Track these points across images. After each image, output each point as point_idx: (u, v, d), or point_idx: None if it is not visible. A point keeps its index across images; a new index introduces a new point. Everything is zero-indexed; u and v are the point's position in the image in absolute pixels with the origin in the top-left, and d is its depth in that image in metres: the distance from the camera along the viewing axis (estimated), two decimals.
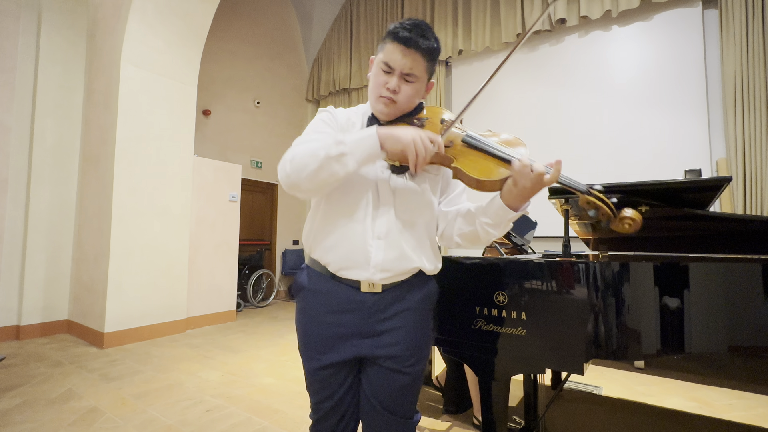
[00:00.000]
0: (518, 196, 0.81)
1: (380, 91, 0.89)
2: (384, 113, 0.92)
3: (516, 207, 0.84)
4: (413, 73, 0.87)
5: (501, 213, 0.85)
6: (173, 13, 3.86)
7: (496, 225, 0.87)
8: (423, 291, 0.96)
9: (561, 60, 4.41)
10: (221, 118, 5.55)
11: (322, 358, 0.91)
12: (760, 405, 2.31)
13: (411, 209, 0.91)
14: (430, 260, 0.96)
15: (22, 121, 3.75)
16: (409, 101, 0.91)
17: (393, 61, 0.86)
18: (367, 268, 0.88)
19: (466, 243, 0.95)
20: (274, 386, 2.54)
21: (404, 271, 0.91)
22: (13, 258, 3.67)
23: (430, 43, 0.86)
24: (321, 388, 0.93)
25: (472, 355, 1.39)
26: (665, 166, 3.71)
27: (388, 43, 0.88)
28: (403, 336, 0.91)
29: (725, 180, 1.35)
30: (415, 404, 0.97)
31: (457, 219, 0.94)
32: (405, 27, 0.86)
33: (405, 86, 0.88)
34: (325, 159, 0.78)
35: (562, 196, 1.51)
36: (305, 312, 0.95)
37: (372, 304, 0.90)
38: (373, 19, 5.98)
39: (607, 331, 1.24)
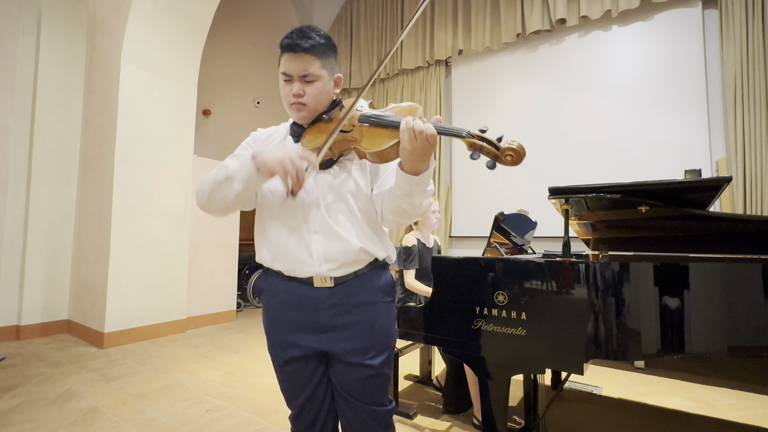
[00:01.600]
0: (409, 158, 0.81)
1: (289, 99, 0.95)
2: (300, 117, 0.96)
3: (415, 170, 0.84)
4: (309, 73, 0.91)
5: (405, 180, 0.85)
6: (173, 13, 3.86)
7: (408, 193, 0.87)
8: (378, 283, 0.98)
9: (561, 60, 4.41)
10: (221, 118, 5.56)
11: (284, 354, 0.96)
12: (760, 405, 2.31)
13: (337, 198, 0.94)
14: (376, 244, 0.97)
15: (22, 121, 3.75)
16: (316, 100, 0.94)
17: (287, 69, 0.92)
18: (311, 263, 0.92)
19: (399, 218, 0.95)
20: (274, 386, 2.54)
21: (351, 259, 0.93)
22: (13, 258, 3.67)
23: (312, 41, 0.90)
24: (289, 384, 0.98)
25: (472, 355, 1.39)
26: (665, 166, 3.71)
27: (281, 56, 0.94)
28: (361, 330, 0.94)
29: (725, 180, 1.35)
30: (386, 393, 0.99)
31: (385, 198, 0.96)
32: (288, 36, 0.91)
33: (308, 88, 0.93)
34: (214, 183, 0.90)
35: (563, 196, 1.51)
36: (267, 312, 1.01)
37: (326, 299, 0.93)
38: (373, 19, 5.98)
39: (607, 331, 1.24)
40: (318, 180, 0.95)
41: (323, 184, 0.95)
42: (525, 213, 2.56)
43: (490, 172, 4.78)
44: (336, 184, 0.95)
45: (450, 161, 5.14)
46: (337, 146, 0.91)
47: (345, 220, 0.94)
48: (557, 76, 4.42)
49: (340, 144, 0.91)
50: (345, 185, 0.95)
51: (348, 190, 0.95)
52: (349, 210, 0.95)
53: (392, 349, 1.01)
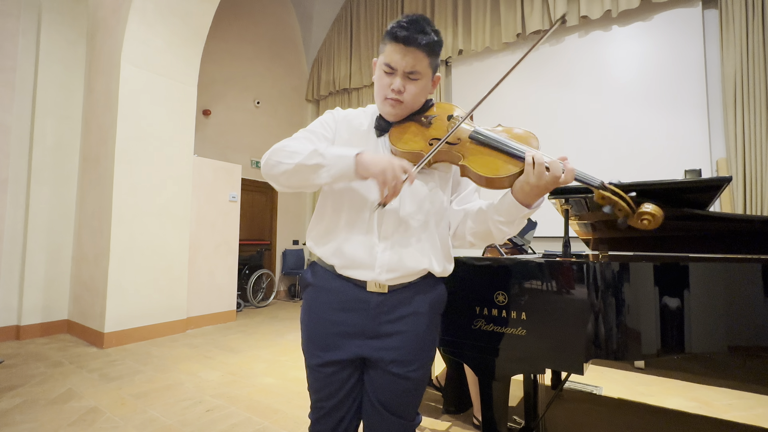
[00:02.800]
0: (530, 193, 0.78)
1: (385, 93, 0.88)
2: (392, 114, 0.91)
3: (528, 203, 0.81)
4: (416, 71, 0.86)
5: (513, 210, 0.82)
6: (173, 13, 3.86)
7: (509, 222, 0.84)
8: (431, 295, 0.94)
9: (561, 60, 4.41)
10: (221, 118, 5.55)
11: (323, 356, 0.90)
12: (760, 405, 2.31)
13: (417, 209, 0.89)
14: (440, 261, 0.93)
15: (22, 121, 3.75)
16: (415, 100, 0.89)
17: (394, 61, 0.85)
18: (372, 268, 0.87)
19: (478, 242, 0.92)
20: (274, 386, 2.54)
21: (412, 272, 0.89)
22: (13, 258, 3.67)
23: (429, 38, 0.84)
24: (322, 386, 0.92)
25: (472, 355, 1.39)
26: (665, 166, 3.71)
27: (388, 44, 0.86)
28: (408, 340, 0.89)
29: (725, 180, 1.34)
30: (417, 407, 0.96)
31: (468, 218, 0.91)
32: (402, 25, 0.84)
33: (410, 85, 0.87)
34: (299, 165, 0.81)
35: (563, 196, 1.51)
36: (310, 308, 0.94)
37: (377, 305, 0.88)
38: (373, 19, 5.98)
39: (607, 331, 1.24)
40: None
41: (405, 190, 0.88)
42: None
43: None
44: (419, 192, 0.89)
45: None
46: (438, 155, 0.85)
47: (419, 233, 0.89)
48: (557, 76, 4.42)
49: (442, 154, 0.85)
50: (428, 196, 0.90)
51: (430, 201, 0.90)
52: (426, 223, 0.89)
53: (432, 363, 0.97)
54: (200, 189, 4.26)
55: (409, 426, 0.94)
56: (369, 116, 0.98)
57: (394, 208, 0.88)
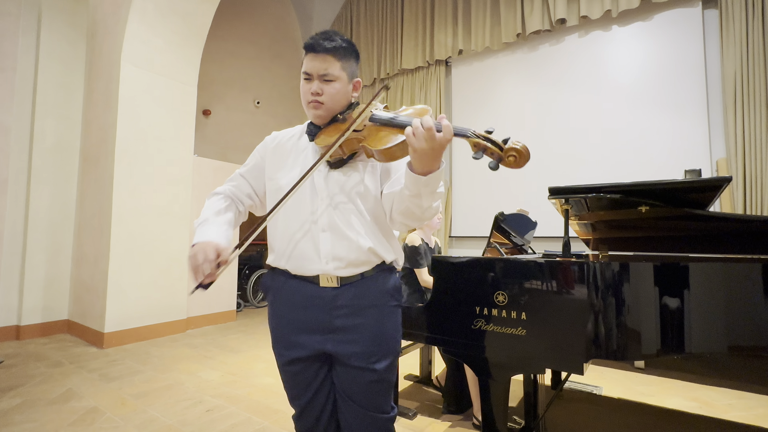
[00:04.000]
0: (420, 159, 0.80)
1: (307, 98, 0.97)
2: (317, 116, 0.98)
3: (424, 171, 0.82)
4: (329, 73, 0.94)
5: (413, 181, 0.84)
6: (173, 13, 3.86)
7: (417, 194, 0.85)
8: (384, 286, 0.98)
9: (561, 60, 4.41)
10: (221, 118, 5.55)
11: (287, 354, 0.96)
12: (760, 405, 2.31)
13: (347, 198, 0.95)
14: (384, 246, 0.97)
15: (22, 121, 3.75)
16: (333, 100, 0.96)
17: (308, 67, 0.95)
18: (318, 260, 0.92)
19: (407, 220, 0.94)
20: (274, 386, 2.54)
21: (358, 259, 0.93)
22: (13, 258, 3.67)
23: (335, 43, 0.93)
24: (292, 384, 0.98)
25: (472, 354, 1.39)
26: (665, 166, 3.71)
27: (304, 57, 0.97)
28: (365, 333, 0.93)
29: (725, 180, 1.35)
30: (388, 400, 0.98)
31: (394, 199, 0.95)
32: (311, 37, 0.95)
33: (326, 87, 0.95)
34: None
35: (563, 196, 1.51)
36: (272, 310, 1.01)
37: (331, 299, 0.93)
38: (373, 19, 5.98)
39: (607, 331, 1.24)
40: (329, 179, 0.96)
41: (333, 183, 0.95)
42: (525, 213, 2.57)
43: (490, 173, 4.76)
44: (346, 183, 0.95)
45: (450, 161, 5.14)
46: (348, 145, 0.92)
47: (354, 219, 0.94)
48: (557, 76, 4.42)
49: (350, 143, 0.92)
50: (355, 185, 0.96)
51: (357, 190, 0.95)
52: (358, 210, 0.95)
53: (396, 355, 1.00)
54: (200, 189, 4.26)
55: (383, 419, 0.96)
56: (302, 128, 1.07)
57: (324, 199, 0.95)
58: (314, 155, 0.99)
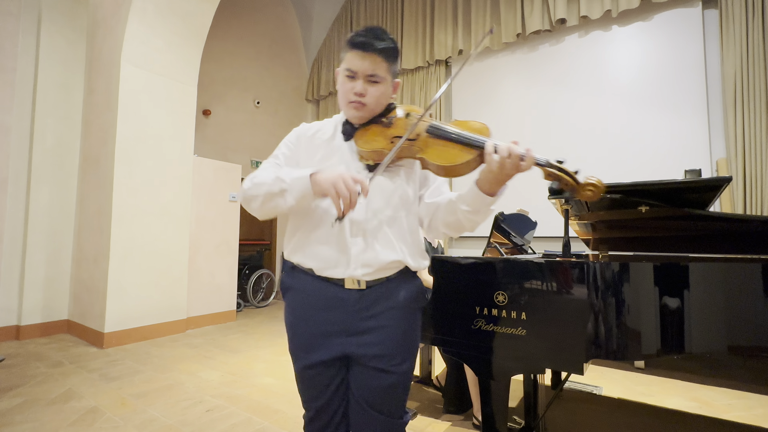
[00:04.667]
0: (494, 180, 0.82)
1: (348, 97, 0.93)
2: (356, 117, 0.95)
3: (492, 192, 0.84)
4: (376, 74, 0.91)
5: (478, 200, 0.85)
6: (173, 13, 3.86)
7: (476, 212, 0.87)
8: (409, 289, 0.96)
9: (561, 60, 4.41)
10: (221, 118, 5.55)
11: (308, 357, 0.93)
12: (760, 405, 2.31)
13: (385, 204, 0.93)
14: (412, 255, 0.96)
15: (22, 121, 3.75)
16: (377, 102, 0.94)
17: (354, 66, 0.91)
18: (347, 265, 0.90)
19: (452, 232, 0.95)
20: (274, 386, 2.54)
21: (386, 265, 0.92)
22: (13, 258, 3.67)
23: (386, 44, 0.90)
24: (309, 386, 0.95)
25: (473, 355, 1.39)
26: (665, 166, 3.71)
27: (348, 52, 0.92)
28: (389, 335, 0.92)
29: (725, 180, 1.35)
30: (403, 404, 0.97)
31: (439, 209, 0.94)
32: (360, 34, 0.91)
33: (371, 88, 0.92)
34: (267, 193, 0.88)
35: (563, 196, 1.51)
36: (292, 311, 0.97)
37: (356, 302, 0.91)
38: (373, 19, 5.98)
39: (607, 331, 1.24)
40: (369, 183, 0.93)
41: (373, 187, 0.91)
42: (525, 213, 2.56)
43: None
44: (386, 189, 0.93)
45: None
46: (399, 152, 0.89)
47: (388, 228, 0.92)
48: (557, 76, 4.42)
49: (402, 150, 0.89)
50: (395, 191, 0.93)
51: (397, 196, 0.93)
52: (394, 216, 0.93)
53: (415, 357, 0.98)
54: (200, 189, 4.26)
55: (397, 424, 0.95)
56: (334, 124, 1.02)
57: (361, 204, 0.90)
58: (351, 155, 0.95)
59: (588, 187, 0.79)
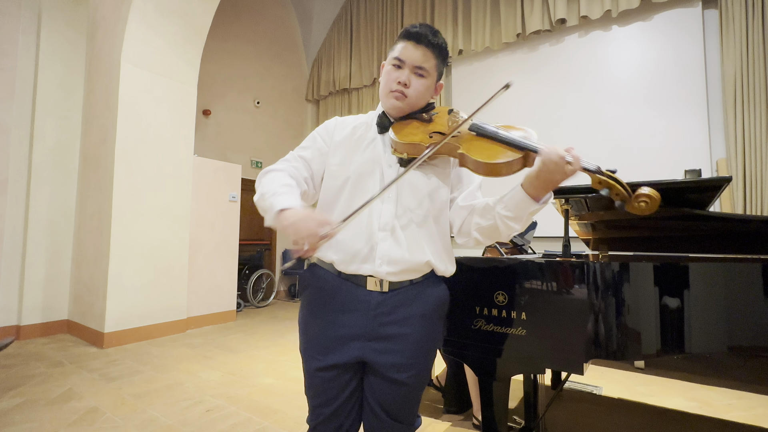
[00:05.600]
0: (543, 183, 0.78)
1: (391, 86, 0.91)
2: (396, 107, 0.92)
3: (538, 197, 0.80)
4: (424, 67, 0.89)
5: (522, 205, 0.80)
6: (173, 13, 3.86)
7: (517, 218, 0.82)
8: (434, 297, 0.92)
9: (561, 60, 4.41)
10: (221, 118, 5.55)
11: (323, 359, 0.88)
12: (760, 405, 2.31)
13: (417, 203, 0.89)
14: (441, 258, 0.92)
15: (22, 121, 3.75)
16: (419, 96, 0.91)
17: (404, 55, 0.89)
18: (372, 260, 0.86)
19: (484, 238, 0.89)
20: (274, 386, 2.54)
21: (412, 266, 0.88)
22: (13, 258, 3.67)
23: (439, 40, 0.89)
24: (321, 391, 0.90)
25: (472, 355, 1.39)
26: (665, 166, 3.71)
27: (400, 42, 0.91)
28: (409, 344, 0.88)
29: (725, 180, 1.34)
30: (416, 410, 0.96)
31: (474, 213, 0.90)
32: (415, 26, 0.90)
33: (415, 80, 0.90)
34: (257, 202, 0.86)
35: (563, 196, 1.51)
36: (309, 310, 0.93)
37: (377, 305, 0.87)
38: (373, 19, 5.98)
39: (607, 331, 1.24)
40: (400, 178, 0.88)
41: (405, 183, 0.89)
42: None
43: None
44: (420, 185, 0.90)
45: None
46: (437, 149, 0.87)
47: (418, 226, 0.89)
48: (557, 76, 4.42)
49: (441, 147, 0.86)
50: (428, 189, 0.90)
51: (430, 194, 0.90)
52: (425, 216, 0.89)
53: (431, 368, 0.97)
54: (200, 189, 4.26)
55: (409, 429, 0.94)
56: (369, 117, 1.00)
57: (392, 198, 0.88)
58: (384, 147, 0.92)
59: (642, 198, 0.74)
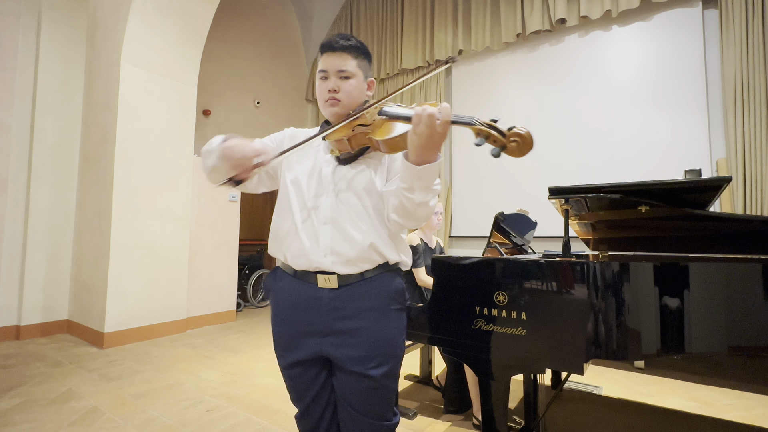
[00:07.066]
0: (416, 146, 0.78)
1: (324, 96, 0.97)
2: (334, 113, 0.98)
3: (418, 161, 0.80)
4: (346, 70, 0.95)
5: (407, 171, 0.81)
6: (173, 13, 3.86)
7: (410, 188, 0.82)
8: (387, 288, 0.95)
9: (561, 60, 4.41)
10: (221, 118, 5.55)
11: (287, 356, 0.96)
12: (760, 405, 2.31)
13: (356, 196, 0.94)
14: (387, 245, 0.94)
15: (22, 121, 3.75)
16: (350, 97, 0.97)
17: (325, 65, 0.96)
18: (317, 252, 0.91)
19: (401, 218, 0.90)
20: (274, 386, 2.54)
21: (358, 255, 0.91)
22: (13, 258, 3.67)
23: (351, 42, 0.96)
24: (292, 386, 0.98)
25: (472, 355, 1.39)
26: (665, 166, 3.71)
27: (319, 57, 0.99)
28: (365, 337, 0.90)
29: (725, 180, 1.35)
30: (390, 407, 0.95)
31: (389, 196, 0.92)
32: (327, 38, 0.98)
33: (343, 84, 0.96)
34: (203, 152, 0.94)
35: (563, 196, 1.51)
36: (273, 311, 1.01)
37: (329, 301, 0.91)
38: (373, 19, 5.98)
39: (607, 331, 1.24)
40: (336, 173, 0.96)
41: (340, 178, 0.95)
42: (525, 213, 2.56)
43: (489, 173, 4.78)
44: (352, 178, 0.95)
45: (450, 161, 5.14)
46: (356, 140, 0.92)
47: (357, 215, 0.93)
48: (557, 76, 4.42)
49: (359, 138, 0.91)
50: (361, 181, 0.95)
51: (364, 186, 0.94)
52: (363, 206, 0.94)
53: (398, 361, 0.96)
54: (200, 189, 4.26)
55: (384, 427, 0.93)
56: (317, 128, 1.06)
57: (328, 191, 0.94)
58: (325, 151, 0.99)
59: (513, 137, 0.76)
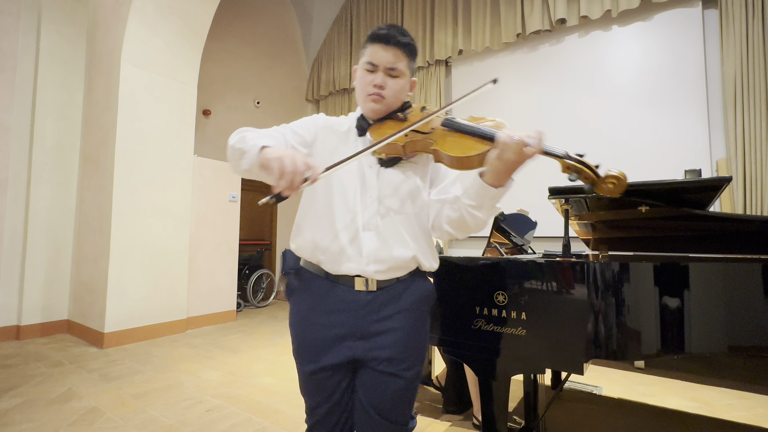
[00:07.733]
0: (500, 171, 0.79)
1: (367, 90, 0.92)
2: (374, 110, 0.93)
3: (496, 184, 0.81)
4: (396, 68, 0.91)
5: (482, 192, 0.82)
6: (173, 13, 3.86)
7: (479, 206, 0.84)
8: (419, 291, 0.95)
9: (561, 60, 4.40)
10: (221, 118, 5.55)
11: (317, 362, 0.90)
12: (760, 405, 2.31)
13: (399, 202, 0.91)
14: (425, 254, 0.94)
15: (22, 121, 3.75)
16: (395, 96, 0.93)
17: (376, 59, 0.90)
18: (359, 259, 0.87)
19: (456, 231, 0.92)
20: (274, 386, 2.54)
21: (398, 263, 0.90)
22: (13, 258, 3.67)
23: (407, 39, 0.91)
24: (316, 392, 0.92)
25: (472, 355, 1.39)
26: (665, 166, 3.71)
27: (369, 46, 0.92)
28: (399, 338, 0.90)
29: (725, 180, 1.35)
30: (410, 410, 0.95)
31: (444, 207, 0.92)
32: (382, 28, 0.90)
33: (390, 81, 0.91)
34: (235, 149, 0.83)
35: (563, 196, 1.51)
36: (298, 314, 0.95)
37: (366, 304, 0.89)
38: (373, 19, 5.97)
39: (607, 331, 1.24)
40: (381, 177, 0.91)
41: (386, 183, 0.91)
42: (525, 213, 2.56)
43: None
44: (399, 184, 0.92)
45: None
46: (412, 146, 0.88)
47: (401, 223, 0.91)
48: (557, 76, 4.41)
49: (416, 144, 0.88)
50: (408, 187, 0.92)
51: (409, 191, 0.92)
52: (406, 214, 0.91)
53: (423, 362, 0.96)
54: (200, 189, 4.26)
55: (402, 430, 0.93)
56: (350, 119, 1.01)
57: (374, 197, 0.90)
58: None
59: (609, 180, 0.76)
